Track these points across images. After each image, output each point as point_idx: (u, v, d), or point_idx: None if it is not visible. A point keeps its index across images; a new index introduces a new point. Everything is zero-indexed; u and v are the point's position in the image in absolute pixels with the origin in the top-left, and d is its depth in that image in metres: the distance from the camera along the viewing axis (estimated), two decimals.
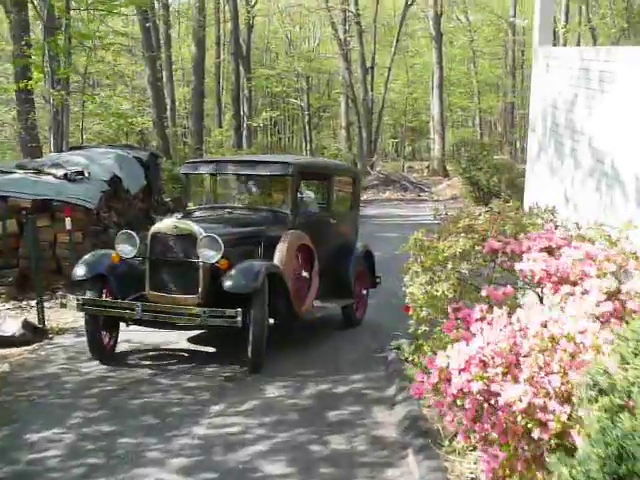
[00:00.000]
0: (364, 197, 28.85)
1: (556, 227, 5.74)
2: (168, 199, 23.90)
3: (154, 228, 8.50)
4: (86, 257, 8.66)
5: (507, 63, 48.63)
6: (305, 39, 57.02)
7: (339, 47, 39.46)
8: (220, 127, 37.92)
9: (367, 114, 40.44)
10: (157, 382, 7.87)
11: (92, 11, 23.15)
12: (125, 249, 8.46)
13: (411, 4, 40.93)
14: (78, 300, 8.22)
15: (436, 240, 5.67)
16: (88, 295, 8.35)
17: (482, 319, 3.93)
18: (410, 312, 6.18)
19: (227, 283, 7.85)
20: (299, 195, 9.56)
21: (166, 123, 32.39)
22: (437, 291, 5.28)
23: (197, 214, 9.71)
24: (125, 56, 39.19)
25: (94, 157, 16.45)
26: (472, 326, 3.91)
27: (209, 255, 8.00)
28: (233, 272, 7.93)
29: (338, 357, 8.99)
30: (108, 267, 8.46)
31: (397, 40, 40.62)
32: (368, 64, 40.53)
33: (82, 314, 8.60)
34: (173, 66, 38.86)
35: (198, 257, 8.03)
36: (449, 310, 4.37)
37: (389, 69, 41.44)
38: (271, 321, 8.05)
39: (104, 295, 8.52)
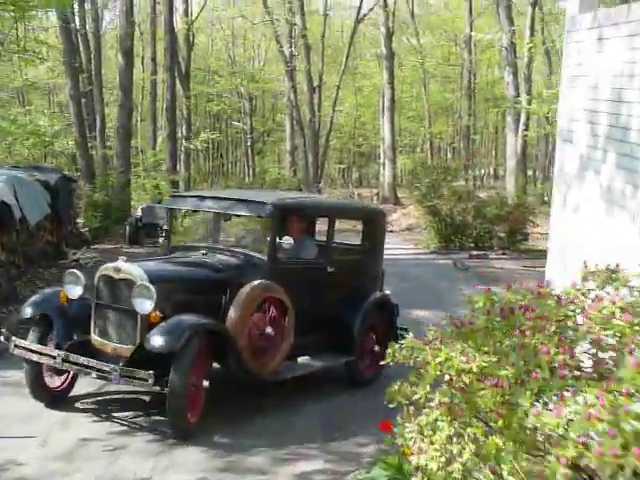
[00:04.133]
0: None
1: None
2: (85, 229, 20.74)
3: (101, 269, 7.85)
4: (34, 296, 8.23)
5: (462, 85, 46.38)
6: (250, 59, 54.46)
7: (284, 64, 36.65)
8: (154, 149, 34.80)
9: (314, 137, 37.74)
10: None
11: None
12: (71, 289, 7.93)
13: (361, 20, 38.54)
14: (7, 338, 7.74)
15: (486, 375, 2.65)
16: (30, 336, 7.81)
17: None
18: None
19: (148, 340, 7.03)
20: (277, 241, 8.33)
21: (92, 143, 29.23)
22: None
23: (172, 254, 9.07)
24: (55, 69, 36.04)
25: None
26: None
27: (141, 306, 7.28)
28: (159, 328, 7.12)
29: None
30: (55, 307, 7.92)
31: (347, 57, 37.99)
32: (315, 83, 37.82)
33: None
34: (108, 85, 35.87)
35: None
36: None
37: (338, 88, 38.80)
38: (205, 384, 7.26)
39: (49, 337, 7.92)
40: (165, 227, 21.64)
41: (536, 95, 30.24)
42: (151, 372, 6.76)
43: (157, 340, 6.97)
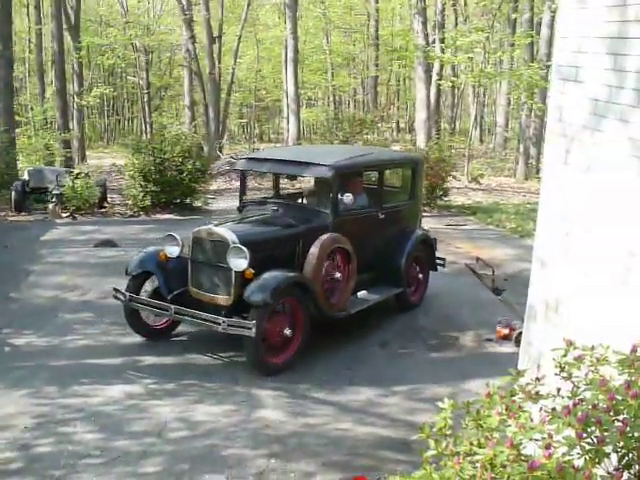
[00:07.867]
0: (213, 187, 24.36)
1: None
2: None
3: (194, 232, 9.29)
4: (139, 254, 9.78)
5: (369, 34, 44.96)
6: (145, 11, 51.63)
7: (181, 12, 34.24)
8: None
9: (214, 90, 35.66)
10: None
11: None
12: (170, 249, 9.49)
13: None
14: (124, 295, 9.33)
15: None
16: (129, 288, 9.39)
17: None
18: None
19: (248, 294, 8.55)
20: (339, 197, 9.92)
21: None
22: None
23: (245, 212, 10.51)
24: None
25: None
26: None
27: (236, 264, 8.73)
28: (255, 283, 8.60)
29: None
30: (156, 264, 9.53)
31: (248, 5, 35.92)
32: (215, 34, 35.69)
33: None
34: None
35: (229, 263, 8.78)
36: None
37: (239, 38, 36.76)
38: (287, 332, 8.85)
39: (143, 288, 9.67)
40: (101, 194, 19.78)
41: (451, 43, 29.04)
42: (254, 322, 8.24)
43: (256, 295, 8.47)
